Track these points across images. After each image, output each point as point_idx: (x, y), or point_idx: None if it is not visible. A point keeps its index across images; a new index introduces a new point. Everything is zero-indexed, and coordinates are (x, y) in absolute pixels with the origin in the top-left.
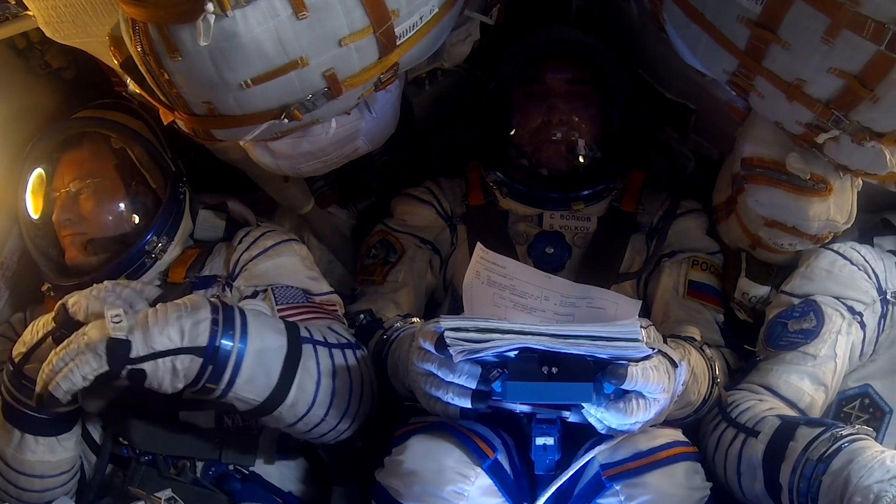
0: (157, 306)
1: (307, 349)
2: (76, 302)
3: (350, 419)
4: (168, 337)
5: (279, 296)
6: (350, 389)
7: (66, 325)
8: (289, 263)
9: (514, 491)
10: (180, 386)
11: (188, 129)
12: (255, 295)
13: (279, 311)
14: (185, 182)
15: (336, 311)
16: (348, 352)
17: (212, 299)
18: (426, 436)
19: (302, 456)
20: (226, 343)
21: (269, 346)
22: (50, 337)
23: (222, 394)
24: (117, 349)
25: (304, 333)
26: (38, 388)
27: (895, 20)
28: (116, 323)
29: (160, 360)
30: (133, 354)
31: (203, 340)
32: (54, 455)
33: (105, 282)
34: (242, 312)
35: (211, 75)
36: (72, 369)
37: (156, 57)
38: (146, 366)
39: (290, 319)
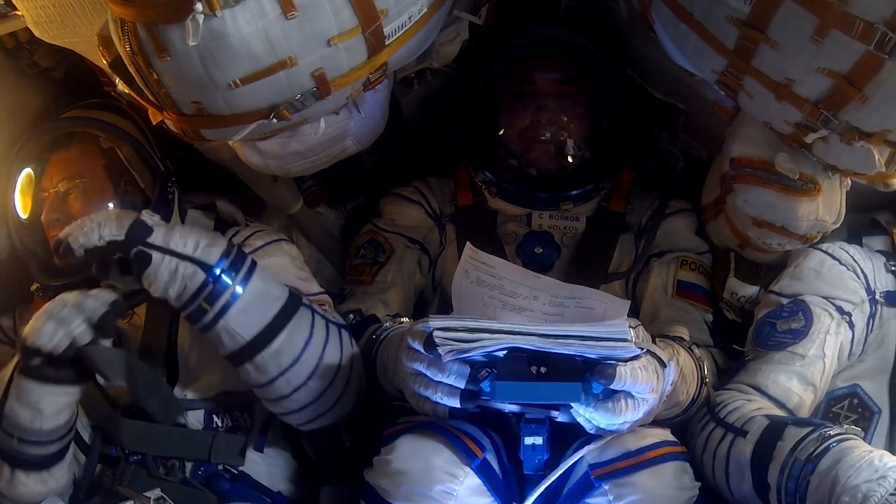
0: (183, 226)
1: (305, 311)
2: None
3: (332, 399)
4: (185, 243)
5: None
6: (338, 366)
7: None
8: (279, 264)
9: (502, 491)
10: (172, 293)
11: (177, 129)
12: None
13: None
14: (174, 182)
15: (326, 310)
16: (344, 332)
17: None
18: (415, 435)
19: (290, 453)
20: (230, 273)
21: (270, 291)
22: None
23: (213, 319)
24: (138, 229)
25: (305, 301)
26: (59, 235)
27: (884, 20)
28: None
29: (168, 257)
30: (149, 240)
31: (212, 260)
32: (46, 486)
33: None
34: (254, 262)
35: (200, 75)
36: (93, 228)
37: (145, 57)
38: (154, 253)
39: None
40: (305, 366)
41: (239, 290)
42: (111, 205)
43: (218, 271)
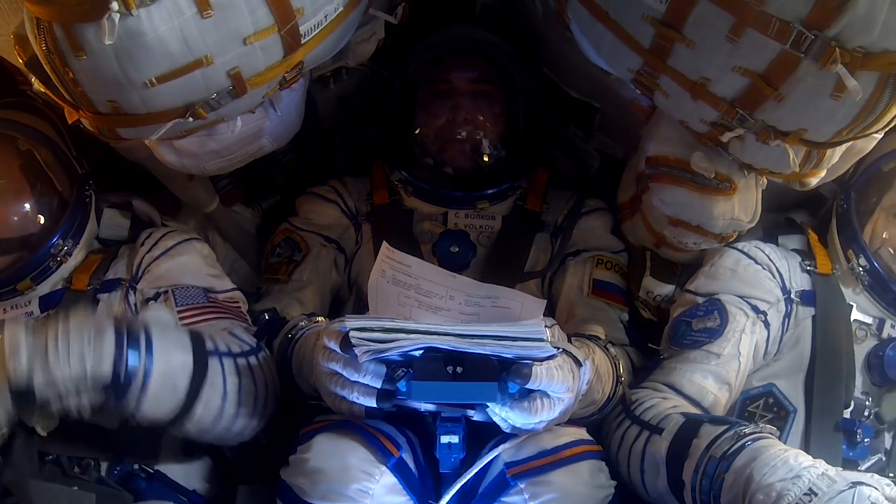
0: (60, 326)
1: (213, 364)
2: None
3: (254, 422)
4: (70, 366)
5: (179, 297)
6: (255, 396)
7: None
8: (190, 262)
9: (418, 489)
10: (87, 413)
11: (93, 128)
12: (156, 297)
13: (179, 312)
14: (90, 184)
15: (239, 307)
16: (252, 358)
17: (118, 318)
18: (331, 434)
19: (207, 455)
20: (132, 365)
21: (175, 365)
22: None
23: (131, 416)
24: (23, 400)
25: (209, 346)
26: None
27: (800, 19)
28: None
29: (64, 393)
30: (38, 398)
31: (107, 369)
32: None
33: None
34: (147, 333)
35: (116, 74)
36: None
37: (60, 56)
38: (52, 403)
39: (192, 321)
40: (227, 419)
41: (146, 369)
42: (27, 206)
43: (118, 372)
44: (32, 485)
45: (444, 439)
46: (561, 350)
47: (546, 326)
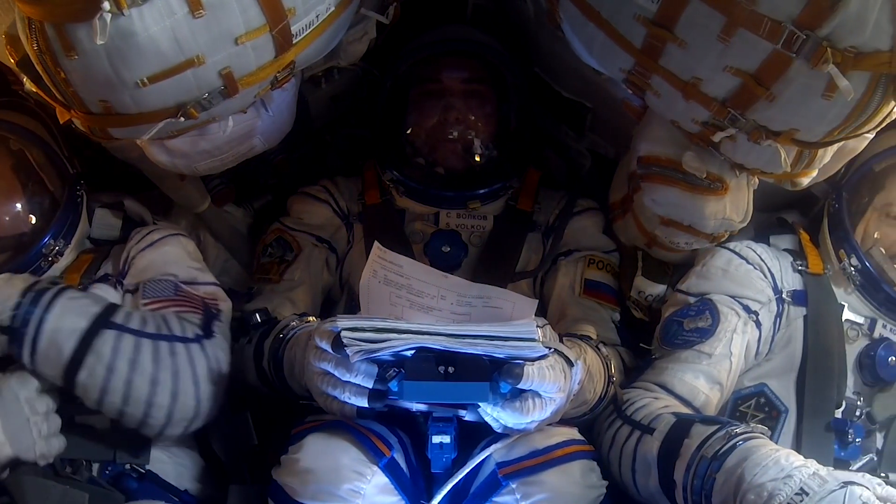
0: None
1: (107, 334)
2: None
3: (160, 415)
4: None
5: (147, 291)
6: (154, 381)
7: None
8: (173, 252)
9: (410, 489)
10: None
11: (85, 128)
12: (136, 290)
13: (144, 305)
14: (82, 184)
15: (216, 304)
16: (176, 345)
17: (31, 278)
18: (323, 434)
19: (197, 452)
20: (26, 316)
21: (65, 326)
22: None
23: (31, 369)
24: None
25: (116, 320)
26: None
27: (791, 19)
28: None
29: None
30: None
31: (6, 314)
32: None
33: None
34: (55, 295)
35: (107, 74)
36: None
37: (52, 55)
38: None
39: (153, 311)
40: (113, 395)
41: (37, 326)
42: (19, 206)
43: (14, 325)
44: (26, 481)
45: (436, 439)
46: (552, 350)
47: (537, 326)
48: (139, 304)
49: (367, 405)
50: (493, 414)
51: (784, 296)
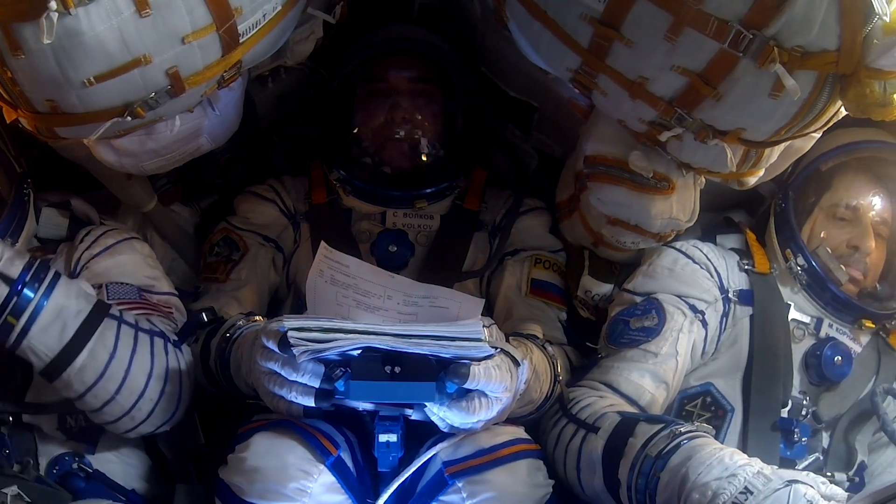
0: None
1: (110, 322)
2: None
3: (147, 408)
4: None
5: (112, 292)
6: (149, 375)
7: None
8: (129, 261)
9: (357, 488)
10: None
11: (31, 127)
12: (98, 289)
13: None
14: (29, 183)
15: (171, 313)
16: (159, 340)
17: (33, 255)
18: (269, 433)
19: (144, 452)
20: (31, 287)
21: (71, 305)
22: None
23: (19, 337)
24: None
25: (114, 312)
26: None
27: (738, 18)
28: None
29: None
30: None
31: (14, 273)
32: None
33: None
34: (57, 273)
35: (54, 73)
36: None
37: None
38: None
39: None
40: (111, 381)
41: (43, 302)
42: None
43: (22, 283)
44: None
45: (383, 438)
46: (499, 350)
47: (484, 326)
48: None
49: (313, 404)
50: (440, 413)
51: (730, 295)
